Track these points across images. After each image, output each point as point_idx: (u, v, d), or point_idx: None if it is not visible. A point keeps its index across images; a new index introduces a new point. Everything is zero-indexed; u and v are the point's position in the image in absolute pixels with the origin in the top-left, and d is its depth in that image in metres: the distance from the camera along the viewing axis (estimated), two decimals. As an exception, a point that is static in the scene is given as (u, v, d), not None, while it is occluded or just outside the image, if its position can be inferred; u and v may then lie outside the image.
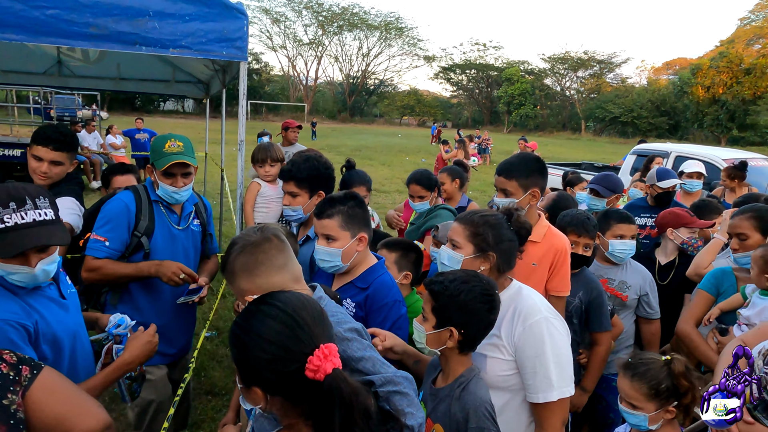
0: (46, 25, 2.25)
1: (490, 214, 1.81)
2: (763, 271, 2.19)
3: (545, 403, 1.62)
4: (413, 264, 2.31)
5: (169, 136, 2.39)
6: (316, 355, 1.05)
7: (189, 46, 2.49)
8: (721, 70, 39.90)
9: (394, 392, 1.33)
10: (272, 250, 1.49)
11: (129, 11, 2.35)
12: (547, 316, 1.67)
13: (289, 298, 1.16)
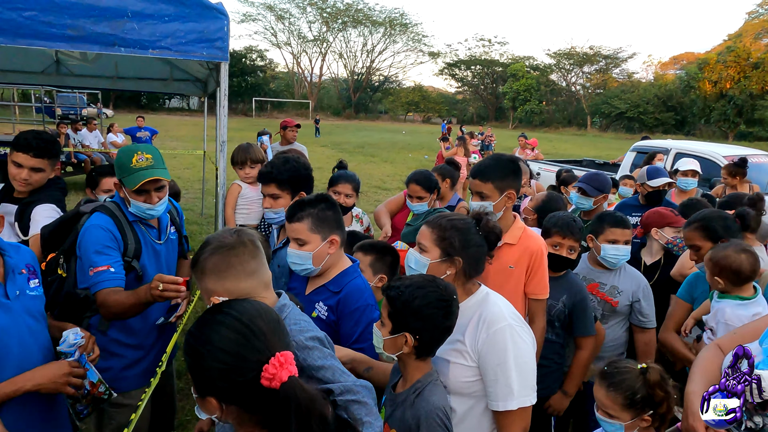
0: (24, 27, 2.24)
1: (458, 218, 1.79)
2: (713, 273, 2.22)
3: (506, 411, 1.61)
4: (389, 267, 2.29)
5: (135, 149, 2.20)
6: (271, 364, 1.04)
7: (168, 47, 2.48)
8: (729, 64, 39.53)
9: (353, 401, 1.32)
10: (245, 254, 1.48)
11: (107, 12, 2.34)
12: (512, 324, 1.66)
13: (245, 307, 1.15)
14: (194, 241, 7.61)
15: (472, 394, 1.66)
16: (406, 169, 16.84)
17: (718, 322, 2.19)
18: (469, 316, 1.69)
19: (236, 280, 1.45)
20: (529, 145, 10.31)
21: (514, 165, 2.31)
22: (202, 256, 1.47)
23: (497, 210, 2.26)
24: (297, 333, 1.44)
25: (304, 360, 1.38)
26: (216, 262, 1.45)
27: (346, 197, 3.06)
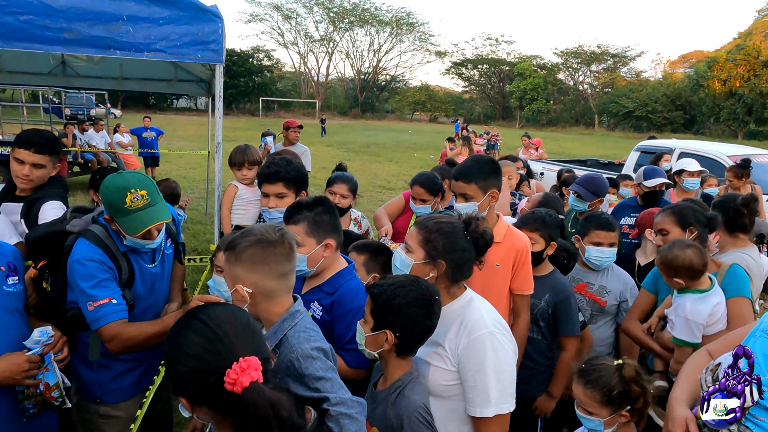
0: (21, 31, 2.29)
1: (445, 221, 1.78)
2: (669, 276, 2.26)
3: (483, 418, 1.62)
4: (381, 266, 2.31)
5: (125, 186, 1.94)
6: (233, 369, 1.06)
7: (163, 50, 2.52)
8: (739, 62, 39.11)
9: (345, 414, 1.34)
10: (282, 255, 1.51)
11: (103, 16, 2.37)
12: (493, 331, 1.65)
13: (216, 312, 1.18)
14: (198, 240, 7.67)
15: (451, 398, 1.67)
16: (411, 168, 16.82)
17: (677, 316, 2.25)
18: (451, 321, 1.69)
19: (265, 276, 1.49)
20: (532, 144, 10.28)
21: (494, 164, 2.37)
22: (241, 243, 1.49)
23: (482, 209, 2.30)
24: (304, 341, 1.46)
25: (306, 368, 1.40)
26: (254, 252, 1.48)
27: (341, 198, 3.07)
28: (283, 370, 1.41)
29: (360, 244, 2.38)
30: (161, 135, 12.38)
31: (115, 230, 2.04)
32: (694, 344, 2.21)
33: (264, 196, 2.49)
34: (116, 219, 1.98)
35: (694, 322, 2.20)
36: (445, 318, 1.65)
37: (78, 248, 1.99)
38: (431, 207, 3.27)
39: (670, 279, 2.27)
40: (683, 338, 2.23)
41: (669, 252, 2.25)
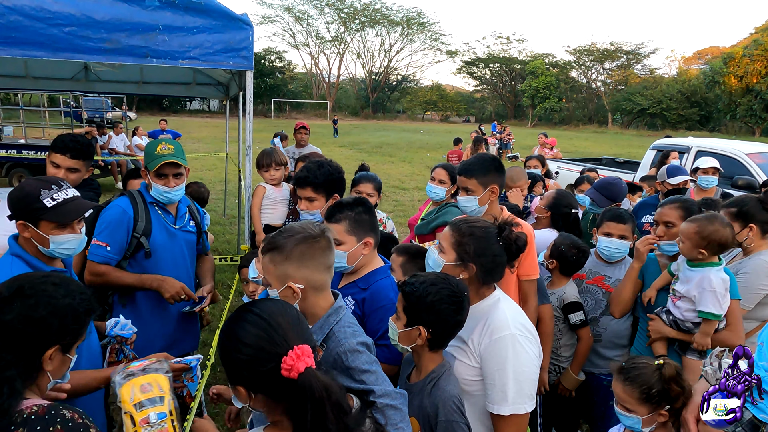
0: (64, 42, 2.40)
1: (479, 226, 1.83)
2: (697, 246, 2.29)
3: (499, 415, 1.67)
4: (419, 270, 2.38)
5: (160, 141, 2.55)
6: (289, 356, 1.15)
7: (197, 57, 2.62)
8: (756, 58, 38.50)
9: (390, 406, 1.42)
10: (327, 249, 1.61)
11: (140, 26, 2.48)
12: (515, 333, 1.69)
13: (268, 305, 1.27)
14: (218, 241, 7.80)
15: (473, 393, 1.73)
16: (424, 168, 16.87)
17: (703, 289, 2.28)
18: (477, 319, 1.75)
19: (315, 270, 1.57)
20: (548, 144, 10.27)
21: (496, 162, 2.52)
22: (287, 242, 1.55)
23: (482, 203, 2.45)
24: (350, 336, 1.55)
25: (352, 362, 1.48)
26: (303, 250, 1.55)
27: (367, 196, 3.16)
28: (330, 363, 1.48)
29: (401, 247, 2.47)
30: (178, 138, 12.57)
31: (147, 185, 2.57)
32: (719, 317, 2.27)
33: (298, 198, 2.61)
34: (147, 165, 2.51)
35: (719, 293, 2.25)
36: (471, 316, 1.72)
37: (113, 201, 2.58)
38: (445, 193, 3.39)
39: (694, 248, 2.30)
40: (711, 311, 2.26)
41: (709, 224, 2.28)
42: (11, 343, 1.26)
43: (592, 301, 2.85)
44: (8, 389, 1.19)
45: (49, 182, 1.90)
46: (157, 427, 1.45)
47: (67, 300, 1.35)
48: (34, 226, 1.85)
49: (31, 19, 2.32)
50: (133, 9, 2.46)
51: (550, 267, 2.90)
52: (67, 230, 1.89)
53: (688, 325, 2.38)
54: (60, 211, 1.85)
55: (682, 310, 2.39)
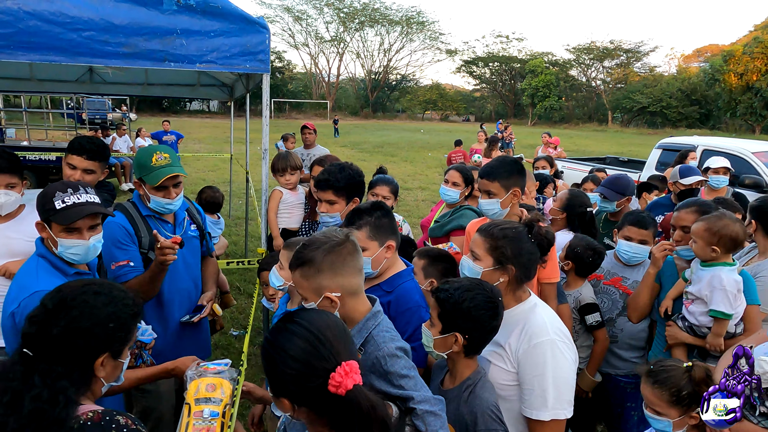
0: (83, 46, 2.39)
1: (509, 227, 1.84)
2: (710, 243, 2.28)
3: (538, 420, 1.67)
4: (440, 273, 2.37)
5: (153, 149, 2.41)
6: (338, 372, 1.15)
7: (214, 61, 2.61)
8: (756, 56, 38.53)
9: (430, 412, 1.41)
10: (355, 252, 1.59)
11: (158, 30, 2.47)
12: (554, 339, 1.70)
13: (314, 318, 1.25)
14: (224, 242, 7.80)
15: (508, 397, 1.73)
16: (426, 168, 16.88)
17: (714, 288, 2.26)
18: (514, 324, 1.75)
19: (350, 276, 1.56)
20: (551, 143, 10.27)
21: (518, 165, 2.50)
22: (315, 254, 1.53)
23: (504, 206, 2.44)
24: (389, 340, 1.54)
25: (391, 366, 1.47)
26: (333, 259, 1.53)
27: (384, 199, 3.16)
28: (368, 367, 1.48)
29: (422, 250, 2.48)
30: (181, 139, 12.56)
31: (141, 195, 2.43)
32: (730, 316, 2.25)
33: (318, 201, 2.58)
34: (143, 178, 2.38)
35: (731, 293, 2.23)
36: (508, 320, 1.72)
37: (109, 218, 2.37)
38: (459, 195, 3.39)
39: (707, 247, 2.29)
40: (721, 309, 2.24)
41: (718, 220, 2.28)
42: (61, 355, 1.27)
43: (608, 302, 2.85)
44: (63, 398, 1.21)
45: (68, 185, 1.91)
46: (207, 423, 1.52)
47: (110, 308, 1.35)
48: (48, 226, 1.87)
49: (50, 23, 2.32)
50: (152, 13, 2.45)
51: (566, 268, 2.89)
52: (74, 235, 1.87)
53: (704, 330, 2.36)
54: (63, 213, 1.84)
55: (695, 315, 2.37)
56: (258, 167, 14.09)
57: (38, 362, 1.24)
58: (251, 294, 5.70)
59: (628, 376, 2.79)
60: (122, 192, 11.14)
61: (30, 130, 11.83)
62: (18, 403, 1.18)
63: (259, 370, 4.04)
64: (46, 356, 1.26)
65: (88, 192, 1.94)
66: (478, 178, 2.55)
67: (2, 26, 2.27)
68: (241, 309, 5.16)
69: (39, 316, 1.30)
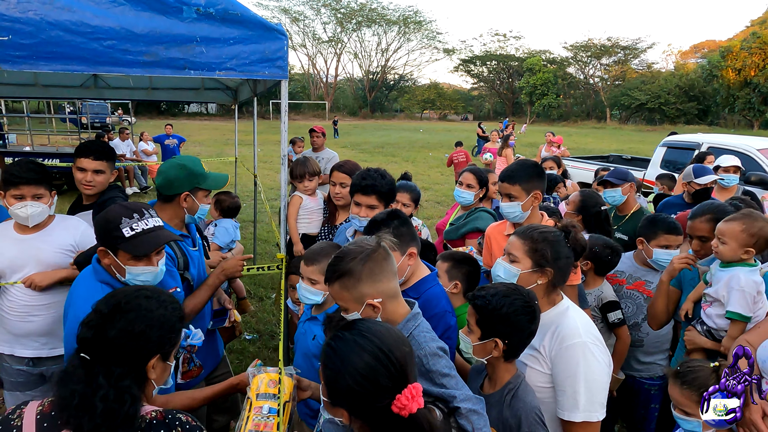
0: (104, 56, 2.39)
1: (548, 231, 1.88)
2: (745, 245, 2.23)
3: (570, 422, 1.70)
4: (464, 275, 2.39)
5: (198, 160, 2.54)
6: (404, 395, 1.15)
7: (233, 68, 2.60)
8: (753, 51, 38.64)
9: (473, 411, 1.44)
10: (389, 257, 1.62)
11: (178, 38, 2.47)
12: (586, 341, 1.72)
13: (384, 334, 1.25)
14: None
15: (544, 399, 1.75)
16: (427, 168, 16.87)
17: (731, 288, 2.23)
18: (547, 327, 1.78)
19: (387, 280, 1.59)
20: (555, 142, 10.28)
21: (538, 169, 2.53)
22: (353, 265, 1.55)
23: (525, 209, 2.46)
24: (430, 340, 1.57)
25: (433, 365, 1.50)
26: (371, 267, 1.56)
27: (403, 206, 3.17)
28: None
29: (446, 254, 2.50)
30: (183, 142, 12.53)
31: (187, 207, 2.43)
32: (747, 318, 2.21)
33: (356, 205, 2.55)
34: (201, 184, 2.43)
35: (749, 294, 2.19)
36: (542, 323, 1.74)
37: None
38: (474, 197, 3.41)
39: (740, 248, 2.24)
40: (738, 311, 2.20)
41: (755, 221, 2.24)
42: (118, 356, 1.30)
43: (633, 306, 2.85)
44: (129, 397, 1.25)
45: (133, 209, 1.86)
46: (264, 419, 1.56)
47: (161, 311, 1.38)
48: (113, 253, 1.83)
49: (72, 33, 2.31)
50: (172, 21, 2.45)
51: (585, 268, 2.90)
52: (143, 262, 1.85)
53: (722, 334, 2.32)
54: (135, 242, 1.81)
55: (713, 318, 2.34)
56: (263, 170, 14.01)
57: (97, 365, 1.27)
58: (262, 298, 5.71)
59: (652, 378, 2.80)
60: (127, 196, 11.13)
61: (32, 135, 11.81)
62: (88, 404, 1.21)
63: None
64: (103, 359, 1.28)
65: (152, 215, 1.91)
66: (498, 181, 2.56)
67: (25, 37, 2.27)
68: (253, 313, 5.17)
69: (95, 320, 1.33)
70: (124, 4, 2.39)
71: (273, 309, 5.23)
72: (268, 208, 6.64)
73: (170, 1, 2.45)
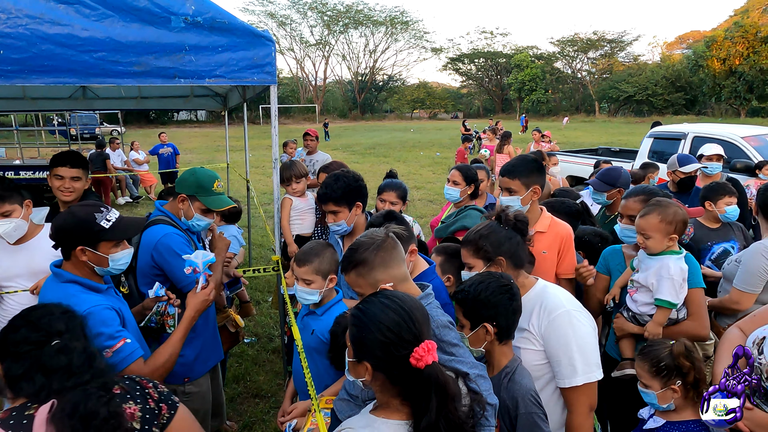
0: (95, 67, 2.43)
1: (481, 227, 2.00)
2: (666, 233, 2.25)
3: (572, 388, 1.78)
4: (456, 269, 2.44)
5: (215, 177, 2.60)
6: (421, 347, 1.27)
7: (223, 75, 2.65)
8: (737, 40, 39.02)
9: (481, 376, 1.56)
10: (397, 245, 1.77)
11: (168, 48, 2.51)
12: (569, 309, 1.84)
13: (405, 298, 1.39)
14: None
15: (542, 376, 1.85)
16: (419, 167, 16.94)
17: (661, 277, 2.25)
18: (531, 307, 1.89)
19: (397, 266, 1.74)
20: (546, 137, 10.38)
21: (537, 163, 2.60)
22: (367, 254, 1.71)
23: (524, 203, 2.53)
24: (441, 315, 1.71)
25: (444, 335, 1.63)
26: (382, 255, 1.72)
27: (390, 204, 3.22)
28: None
29: (440, 247, 2.55)
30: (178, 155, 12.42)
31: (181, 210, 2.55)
32: (674, 305, 2.25)
33: (326, 213, 2.67)
34: (200, 197, 2.53)
35: (677, 282, 2.24)
36: (526, 305, 1.85)
37: (157, 230, 2.47)
38: (460, 194, 3.43)
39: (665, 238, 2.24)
40: (667, 298, 2.24)
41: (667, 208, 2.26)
42: None
43: None
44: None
45: (97, 206, 1.98)
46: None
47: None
48: (92, 248, 1.92)
49: (62, 47, 2.35)
50: (160, 31, 2.49)
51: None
52: (121, 246, 2.01)
53: (646, 318, 2.35)
54: (117, 230, 1.95)
55: (638, 305, 2.37)
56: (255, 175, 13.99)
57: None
58: (259, 301, 5.75)
59: None
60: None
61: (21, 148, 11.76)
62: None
63: (275, 375, 4.09)
64: None
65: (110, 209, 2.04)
66: (499, 176, 2.63)
67: (16, 51, 2.31)
68: (251, 317, 5.20)
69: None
70: (112, 16, 2.44)
71: (270, 312, 5.27)
72: (262, 212, 6.66)
73: (157, 11, 2.50)
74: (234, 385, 3.98)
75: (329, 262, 2.16)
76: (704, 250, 3.31)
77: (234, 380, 4.04)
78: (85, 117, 22.13)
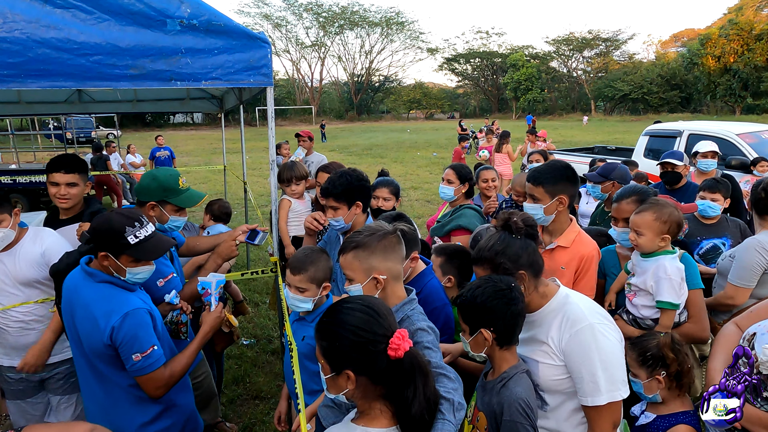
0: (92, 71, 2.43)
1: (494, 241, 1.81)
2: (659, 233, 2.24)
3: (594, 406, 1.64)
4: (457, 269, 2.43)
5: (177, 175, 2.59)
6: (395, 337, 1.30)
7: (219, 77, 2.65)
8: (732, 38, 39.18)
9: (443, 375, 1.54)
10: (401, 243, 1.79)
11: (164, 50, 2.51)
12: (593, 323, 1.67)
13: (365, 298, 1.40)
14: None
15: (563, 391, 1.72)
16: (416, 168, 16.96)
17: (659, 278, 2.22)
18: (552, 318, 1.75)
19: (396, 262, 1.74)
20: (540, 137, 10.40)
21: (568, 171, 2.35)
22: (370, 239, 1.72)
23: (548, 213, 2.33)
24: (422, 320, 1.70)
25: (419, 338, 1.64)
26: (385, 244, 1.72)
27: (384, 201, 3.24)
28: None
29: (439, 247, 2.54)
30: (174, 159, 12.43)
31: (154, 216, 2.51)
32: (677, 306, 2.22)
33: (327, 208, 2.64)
34: (170, 199, 2.51)
35: (675, 281, 2.21)
36: (546, 317, 1.76)
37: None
38: (454, 192, 3.44)
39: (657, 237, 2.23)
40: (668, 299, 2.21)
41: (663, 208, 2.26)
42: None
43: None
44: None
45: (132, 218, 2.03)
46: None
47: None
48: (115, 257, 1.99)
49: (58, 51, 2.35)
50: (156, 34, 2.49)
51: None
52: (141, 263, 2.04)
53: (648, 322, 2.32)
54: (142, 249, 2.00)
55: (638, 308, 2.34)
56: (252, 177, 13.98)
57: None
58: (257, 303, 5.75)
59: None
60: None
61: (17, 152, 11.74)
62: None
63: (274, 377, 4.10)
64: None
65: (147, 221, 2.08)
66: (526, 181, 2.45)
67: (12, 56, 2.31)
68: (249, 318, 5.21)
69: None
70: (108, 20, 2.44)
71: (269, 314, 5.28)
72: (260, 214, 6.66)
73: (153, 14, 2.50)
74: (234, 386, 3.99)
75: (324, 270, 2.11)
76: (692, 245, 3.31)
77: (234, 382, 4.04)
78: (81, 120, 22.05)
